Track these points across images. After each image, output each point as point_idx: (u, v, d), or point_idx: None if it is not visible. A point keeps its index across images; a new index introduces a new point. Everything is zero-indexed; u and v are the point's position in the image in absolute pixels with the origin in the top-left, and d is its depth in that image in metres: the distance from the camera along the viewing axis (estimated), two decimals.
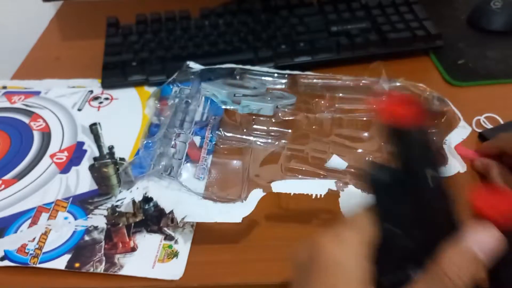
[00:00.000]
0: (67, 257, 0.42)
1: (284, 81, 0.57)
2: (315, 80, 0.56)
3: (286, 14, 0.67)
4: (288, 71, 0.57)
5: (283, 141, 0.50)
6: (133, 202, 0.45)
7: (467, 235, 0.26)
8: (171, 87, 0.56)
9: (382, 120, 0.28)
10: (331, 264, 0.27)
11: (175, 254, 0.42)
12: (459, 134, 0.47)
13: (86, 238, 0.43)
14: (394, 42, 0.62)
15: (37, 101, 0.60)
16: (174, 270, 0.41)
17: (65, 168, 0.50)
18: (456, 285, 0.24)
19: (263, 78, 0.58)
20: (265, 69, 0.57)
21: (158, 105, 0.55)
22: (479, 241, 0.25)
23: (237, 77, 0.57)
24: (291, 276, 0.30)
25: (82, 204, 0.46)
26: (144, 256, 0.42)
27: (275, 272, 0.40)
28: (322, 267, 0.27)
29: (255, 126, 0.51)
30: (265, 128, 0.51)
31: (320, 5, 0.68)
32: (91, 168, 0.50)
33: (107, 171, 0.50)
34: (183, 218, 0.42)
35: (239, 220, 0.40)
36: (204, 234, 0.43)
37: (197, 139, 0.50)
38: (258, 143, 0.50)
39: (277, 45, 0.62)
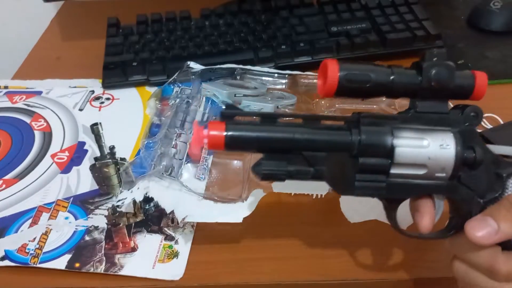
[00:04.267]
0: (67, 257, 0.42)
1: (284, 81, 0.57)
2: (315, 80, 0.56)
3: (286, 15, 0.67)
4: (288, 71, 0.57)
5: None
6: (134, 202, 0.45)
7: None
8: (172, 87, 0.56)
9: None
10: None
11: (175, 254, 0.42)
12: None
13: (87, 238, 0.43)
14: (394, 42, 0.62)
15: (38, 101, 0.60)
16: (175, 270, 0.41)
17: (66, 168, 0.50)
18: None
19: (263, 78, 0.58)
20: (265, 69, 0.57)
21: (159, 105, 0.55)
22: None
23: (238, 77, 0.57)
24: None
25: (82, 204, 0.46)
26: (145, 256, 0.42)
27: (275, 271, 0.41)
28: None
29: None
30: None
31: (320, 6, 0.68)
32: (92, 168, 0.50)
33: (108, 171, 0.50)
34: (183, 218, 0.42)
35: (239, 220, 0.40)
36: (204, 234, 0.43)
37: None
38: None
39: (277, 45, 0.62)
